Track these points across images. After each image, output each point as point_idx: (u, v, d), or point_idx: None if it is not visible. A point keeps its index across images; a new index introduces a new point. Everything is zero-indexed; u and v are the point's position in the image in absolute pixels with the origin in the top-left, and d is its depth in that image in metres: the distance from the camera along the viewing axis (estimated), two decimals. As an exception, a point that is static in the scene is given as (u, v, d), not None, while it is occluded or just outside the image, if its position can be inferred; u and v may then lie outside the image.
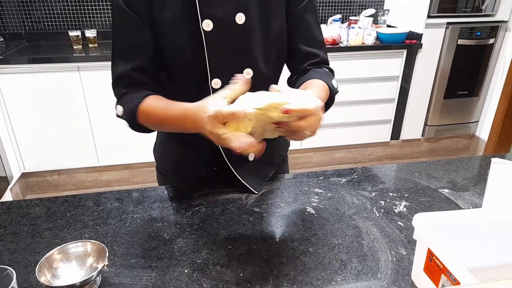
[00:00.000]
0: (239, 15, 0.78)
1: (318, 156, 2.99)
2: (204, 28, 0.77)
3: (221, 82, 0.82)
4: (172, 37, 0.79)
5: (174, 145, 0.97)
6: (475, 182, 0.96)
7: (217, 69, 0.81)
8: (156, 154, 1.03)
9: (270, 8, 0.82)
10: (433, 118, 2.98)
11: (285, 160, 1.07)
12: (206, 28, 0.77)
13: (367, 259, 0.69)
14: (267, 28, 0.82)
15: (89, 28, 2.73)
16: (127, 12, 0.77)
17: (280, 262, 0.68)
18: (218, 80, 0.82)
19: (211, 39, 0.78)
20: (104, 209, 0.84)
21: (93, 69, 2.32)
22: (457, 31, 2.71)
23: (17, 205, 0.86)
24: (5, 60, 2.22)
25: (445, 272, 0.53)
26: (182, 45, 0.79)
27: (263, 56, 0.84)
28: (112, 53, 0.83)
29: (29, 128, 2.39)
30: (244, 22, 0.79)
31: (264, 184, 0.93)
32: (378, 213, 0.82)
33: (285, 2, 0.84)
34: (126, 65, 0.81)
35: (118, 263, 0.68)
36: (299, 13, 0.86)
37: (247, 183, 0.90)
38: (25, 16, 2.67)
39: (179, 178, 0.96)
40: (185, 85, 0.85)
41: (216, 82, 0.82)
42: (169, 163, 1.00)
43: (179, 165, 0.98)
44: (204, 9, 0.76)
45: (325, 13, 3.08)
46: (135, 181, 2.75)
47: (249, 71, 0.83)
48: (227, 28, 0.78)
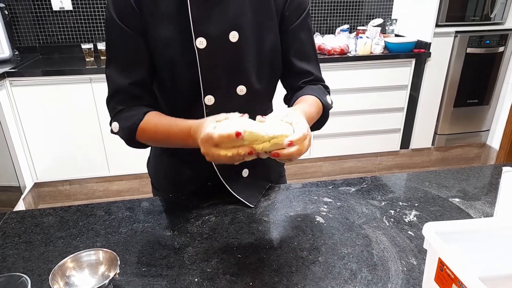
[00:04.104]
0: (233, 33, 0.79)
1: (328, 166, 2.98)
2: (197, 46, 0.77)
3: (214, 98, 0.82)
4: (165, 53, 0.79)
5: (167, 160, 0.97)
6: (486, 191, 0.95)
7: (210, 86, 0.81)
8: (150, 168, 1.03)
9: (263, 25, 0.82)
10: (443, 127, 2.95)
11: (282, 175, 1.06)
12: (199, 46, 0.77)
13: (377, 269, 0.68)
14: (261, 45, 0.83)
15: (101, 41, 2.79)
16: (122, 26, 0.78)
17: (289, 271, 0.68)
18: (211, 97, 0.82)
19: (205, 56, 0.78)
20: (116, 218, 0.85)
21: (105, 80, 2.35)
22: (466, 40, 2.70)
23: (30, 214, 0.87)
24: (19, 72, 2.28)
25: (456, 282, 0.53)
26: (175, 62, 0.80)
27: (256, 72, 0.84)
28: (107, 68, 0.82)
29: (42, 138, 2.44)
30: (237, 40, 0.79)
31: (260, 197, 0.92)
32: (388, 222, 0.82)
33: (279, 19, 0.84)
34: (124, 79, 0.81)
35: (130, 272, 0.69)
36: (293, 31, 0.86)
37: (242, 198, 0.89)
38: (39, 30, 2.74)
39: (173, 193, 0.96)
40: (179, 100, 0.86)
41: (209, 98, 0.82)
42: (163, 177, 1.00)
43: (173, 180, 0.97)
44: (198, 27, 0.76)
45: (333, 23, 3.10)
46: (145, 190, 2.77)
47: (242, 88, 0.83)
48: (221, 46, 0.79)
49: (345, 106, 2.73)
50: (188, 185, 0.95)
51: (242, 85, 0.83)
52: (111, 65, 0.82)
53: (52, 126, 2.41)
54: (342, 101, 2.70)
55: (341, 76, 2.64)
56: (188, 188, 0.95)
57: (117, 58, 0.82)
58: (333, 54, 2.60)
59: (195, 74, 0.80)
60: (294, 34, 0.86)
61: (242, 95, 0.84)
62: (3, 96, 2.23)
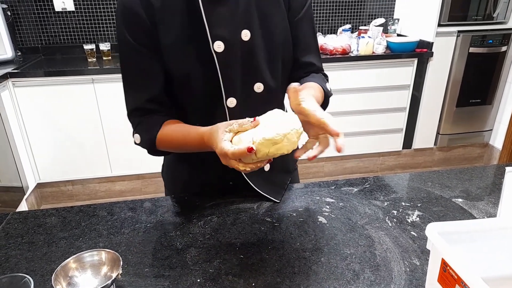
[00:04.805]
0: (245, 31, 0.79)
1: (330, 166, 2.98)
2: (216, 50, 0.77)
3: (236, 100, 0.82)
4: (181, 61, 0.79)
5: (183, 166, 0.97)
6: (490, 192, 0.94)
7: (231, 88, 0.81)
8: (165, 176, 1.04)
9: (272, 20, 0.83)
10: (445, 127, 2.95)
11: (295, 167, 1.08)
12: (217, 50, 0.77)
13: (380, 270, 0.68)
14: (271, 40, 0.83)
15: (103, 41, 2.79)
16: (134, 45, 0.78)
17: (292, 272, 0.68)
18: (233, 99, 0.82)
19: (223, 59, 0.78)
20: (118, 218, 0.85)
21: (107, 81, 2.37)
22: (469, 39, 2.69)
23: (33, 214, 0.88)
24: (22, 73, 2.29)
25: (459, 282, 0.53)
26: (192, 68, 0.80)
27: (270, 68, 0.84)
28: (124, 85, 0.84)
29: (44, 139, 2.44)
30: (249, 38, 0.79)
31: (283, 192, 0.94)
32: (391, 223, 0.82)
33: (287, 9, 0.84)
34: (139, 98, 0.83)
35: (132, 272, 0.69)
36: (297, 23, 0.86)
37: (265, 193, 0.91)
38: (41, 31, 2.75)
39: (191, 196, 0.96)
40: (199, 104, 0.86)
41: (232, 101, 0.82)
42: (179, 183, 1.00)
43: (189, 184, 0.97)
44: (214, 30, 0.76)
45: (334, 23, 3.09)
46: (147, 191, 2.77)
47: (259, 85, 0.84)
48: (235, 47, 0.79)
49: (347, 106, 2.72)
50: (208, 187, 0.95)
51: (259, 83, 0.84)
52: (127, 84, 0.84)
53: (54, 126, 2.42)
54: (344, 101, 2.69)
55: (343, 76, 2.64)
56: (208, 190, 0.95)
57: (132, 78, 0.83)
58: (335, 54, 2.59)
59: (214, 78, 0.80)
60: (298, 26, 0.87)
61: (259, 93, 0.84)
62: (5, 97, 2.24)
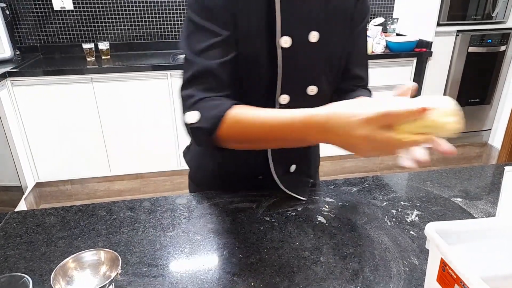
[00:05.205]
0: (313, 33, 0.78)
1: (329, 165, 2.98)
2: (282, 45, 0.76)
3: (289, 98, 0.81)
4: (250, 44, 0.76)
5: (214, 156, 0.95)
6: (489, 191, 0.94)
7: (287, 85, 0.80)
8: (192, 163, 1.01)
9: (339, 27, 0.82)
10: (444, 126, 2.95)
11: (317, 171, 1.09)
12: (284, 45, 0.76)
13: (379, 269, 0.68)
14: (335, 47, 0.83)
15: (102, 40, 2.79)
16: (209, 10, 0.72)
17: (291, 271, 0.68)
18: (287, 96, 0.81)
19: (287, 56, 0.77)
20: (117, 218, 0.85)
21: (105, 80, 2.37)
22: (468, 39, 2.70)
23: (32, 214, 0.87)
24: (21, 72, 2.28)
25: (458, 282, 0.53)
26: (254, 59, 0.77)
27: (327, 74, 0.84)
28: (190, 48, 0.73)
29: (43, 138, 2.44)
30: (317, 41, 0.78)
31: (308, 190, 0.94)
32: (390, 222, 0.82)
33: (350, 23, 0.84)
34: (214, 58, 0.71)
35: (131, 272, 0.69)
36: (355, 36, 0.86)
37: (293, 193, 0.91)
38: (40, 30, 2.75)
39: (216, 188, 0.94)
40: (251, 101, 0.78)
41: (284, 98, 0.81)
42: (206, 174, 0.98)
43: (218, 177, 0.96)
44: (285, 25, 0.75)
45: (334, 23, 3.09)
46: (146, 190, 2.77)
47: (313, 88, 0.83)
48: (302, 46, 0.78)
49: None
50: (237, 181, 0.94)
51: (314, 86, 0.83)
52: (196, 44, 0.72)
53: (53, 126, 2.42)
54: (343, 101, 2.69)
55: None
56: (235, 184, 0.94)
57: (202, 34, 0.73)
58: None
59: (273, 73, 0.78)
60: (356, 38, 0.86)
61: (312, 95, 0.83)
62: (4, 96, 2.24)
